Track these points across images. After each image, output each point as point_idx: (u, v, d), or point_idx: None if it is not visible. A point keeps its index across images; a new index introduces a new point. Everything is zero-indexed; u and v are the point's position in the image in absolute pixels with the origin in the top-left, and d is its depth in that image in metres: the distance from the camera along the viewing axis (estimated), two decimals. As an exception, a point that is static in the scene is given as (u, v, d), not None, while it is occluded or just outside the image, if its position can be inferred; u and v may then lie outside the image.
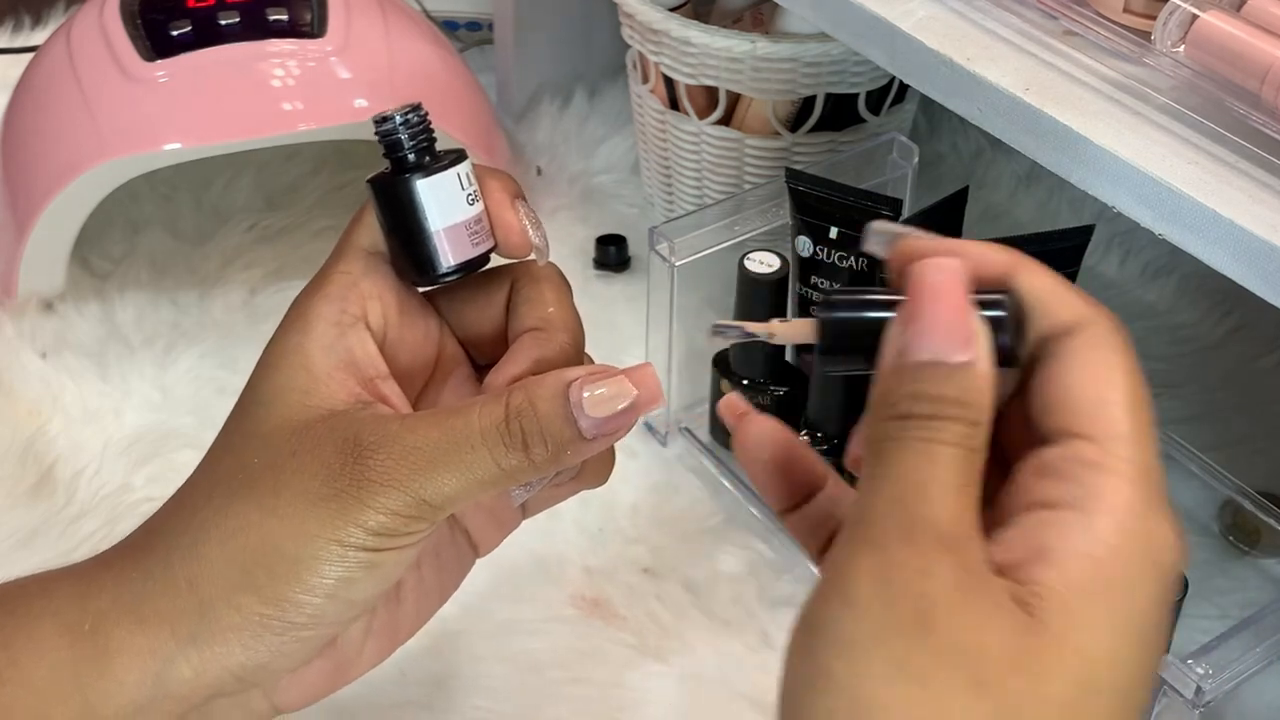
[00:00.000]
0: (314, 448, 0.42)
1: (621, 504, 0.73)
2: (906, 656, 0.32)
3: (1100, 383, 0.36)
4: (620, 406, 0.41)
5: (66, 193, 0.77)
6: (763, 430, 0.42)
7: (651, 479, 0.75)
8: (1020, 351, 0.37)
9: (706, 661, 0.65)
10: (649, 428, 0.77)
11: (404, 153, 0.43)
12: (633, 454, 0.76)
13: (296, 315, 0.44)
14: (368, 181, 0.44)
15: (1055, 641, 0.33)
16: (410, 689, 0.64)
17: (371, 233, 0.45)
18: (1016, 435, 0.37)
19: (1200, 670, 0.52)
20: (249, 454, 0.43)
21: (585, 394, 0.41)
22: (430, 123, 0.44)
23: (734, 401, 0.42)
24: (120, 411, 0.78)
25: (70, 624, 0.43)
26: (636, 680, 0.65)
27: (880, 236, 0.38)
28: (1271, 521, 0.69)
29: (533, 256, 0.46)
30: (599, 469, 0.47)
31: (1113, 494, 0.34)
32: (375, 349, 0.44)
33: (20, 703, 0.42)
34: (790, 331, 0.39)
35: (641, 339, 0.76)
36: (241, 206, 0.92)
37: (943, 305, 0.35)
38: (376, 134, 0.44)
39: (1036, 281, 0.37)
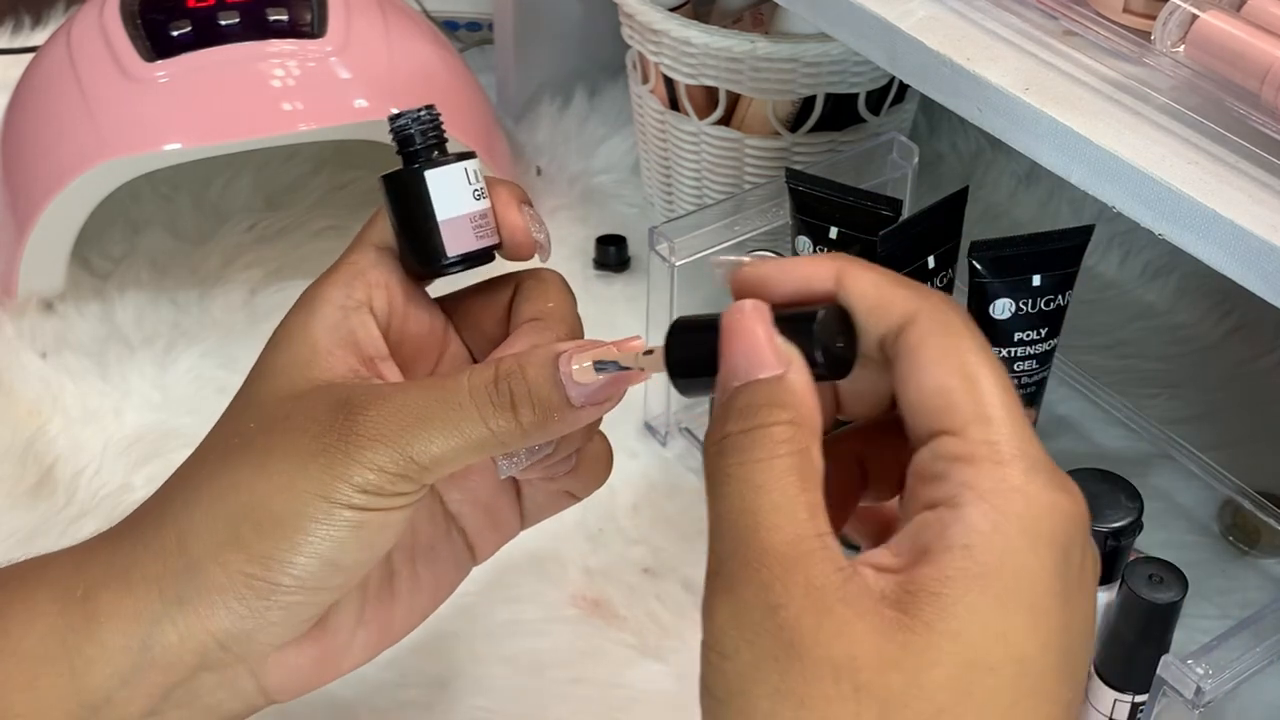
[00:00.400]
0: (307, 409, 0.42)
1: (621, 504, 0.73)
2: (783, 685, 0.33)
3: (940, 373, 0.36)
4: (607, 377, 0.42)
5: (66, 193, 0.77)
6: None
7: (651, 479, 0.75)
8: (849, 362, 0.38)
9: (706, 661, 0.65)
10: (649, 428, 0.77)
11: (415, 148, 0.45)
12: (633, 454, 0.76)
13: (304, 300, 0.45)
14: (381, 178, 0.46)
15: (927, 630, 0.33)
16: (411, 689, 0.64)
17: (384, 230, 0.46)
18: (911, 439, 0.38)
19: (1200, 670, 0.52)
20: (245, 419, 0.44)
21: (574, 366, 0.42)
22: (441, 123, 0.46)
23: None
24: (120, 411, 0.78)
25: (63, 592, 0.43)
26: (636, 680, 0.65)
27: (720, 270, 0.40)
28: (1271, 521, 0.69)
29: (536, 259, 0.47)
30: (595, 472, 0.47)
31: (981, 481, 0.35)
32: (377, 332, 0.45)
33: (7, 671, 0.43)
34: (655, 361, 0.41)
35: (641, 339, 0.76)
36: (241, 206, 0.92)
37: (744, 337, 0.37)
38: (391, 130, 0.46)
39: (861, 285, 0.38)
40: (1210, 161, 0.50)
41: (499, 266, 0.47)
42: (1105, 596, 0.57)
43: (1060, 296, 0.67)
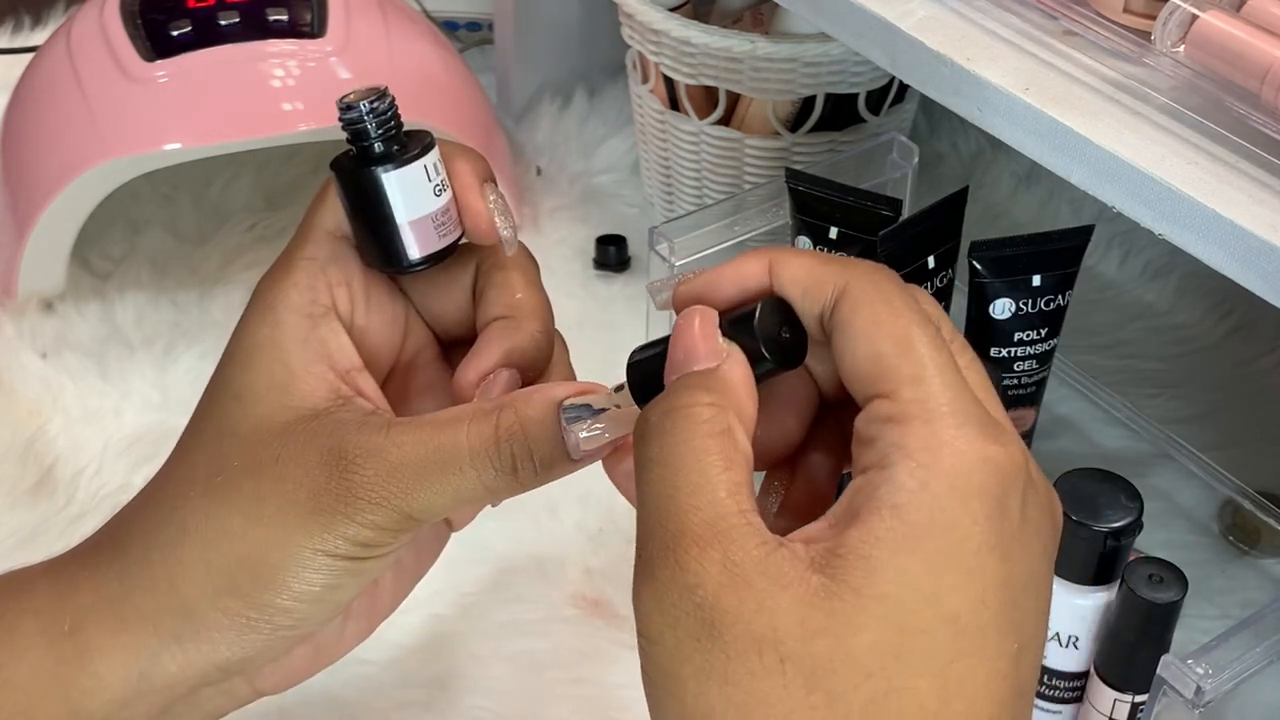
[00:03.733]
0: (297, 455, 0.41)
1: (621, 504, 0.72)
2: (708, 664, 0.33)
3: (870, 337, 0.36)
4: (609, 439, 0.41)
5: (66, 193, 0.77)
6: None
7: (651, 479, 0.75)
8: (798, 345, 0.38)
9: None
10: (649, 428, 0.77)
11: (370, 142, 0.42)
12: (633, 454, 0.76)
13: (264, 305, 0.43)
14: (331, 165, 0.43)
15: (853, 595, 0.33)
16: (411, 689, 0.64)
17: (335, 214, 0.44)
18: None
19: (1200, 670, 0.52)
20: (229, 454, 0.42)
21: (582, 435, 0.41)
22: (397, 109, 0.43)
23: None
24: (120, 411, 0.78)
25: (49, 624, 0.43)
26: (636, 680, 0.65)
27: (660, 295, 0.40)
28: (1271, 521, 0.69)
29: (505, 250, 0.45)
30: None
31: (910, 439, 0.34)
32: (348, 341, 0.44)
33: (4, 700, 0.42)
34: (626, 395, 0.40)
35: (641, 339, 0.76)
36: (241, 206, 0.92)
37: (683, 339, 0.37)
38: (340, 120, 0.43)
39: (790, 270, 0.38)
40: (1210, 161, 0.50)
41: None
42: (1105, 596, 0.57)
43: (1060, 296, 0.67)
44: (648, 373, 0.39)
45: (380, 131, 0.42)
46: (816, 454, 0.41)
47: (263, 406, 0.42)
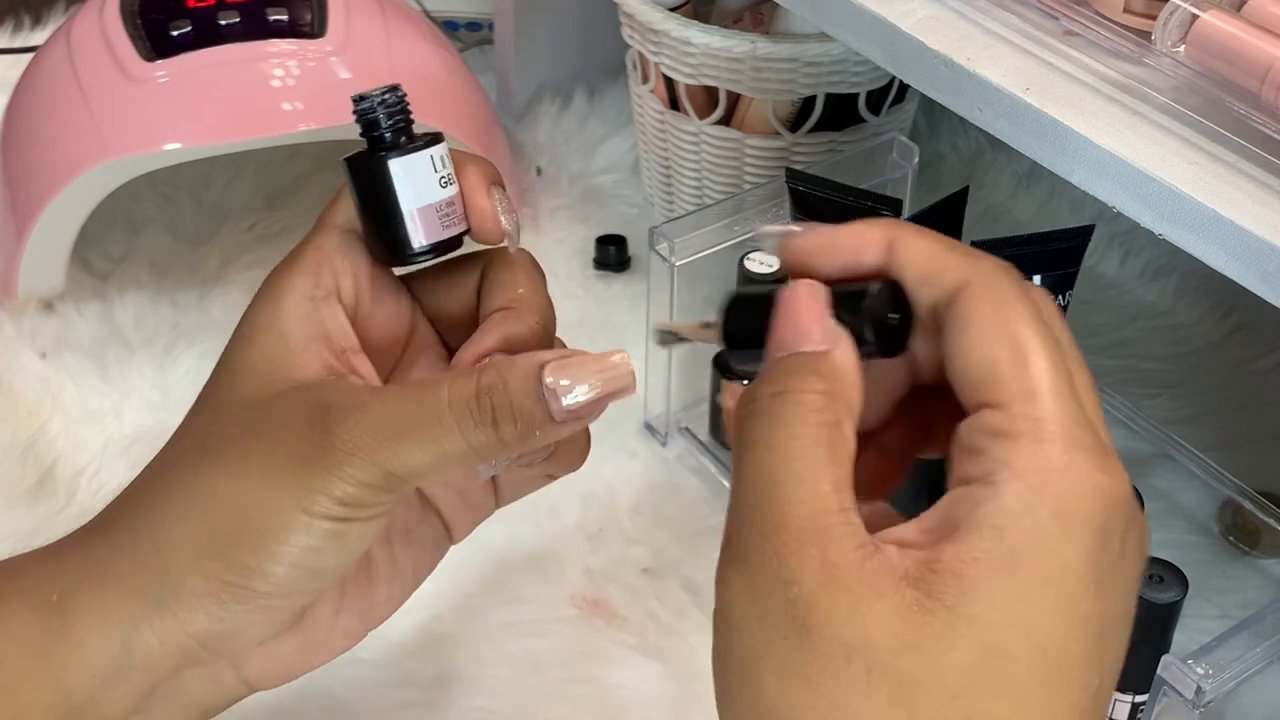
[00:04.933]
0: (283, 416, 0.42)
1: (621, 504, 0.73)
2: (792, 663, 0.33)
3: (988, 343, 0.35)
4: (591, 396, 0.41)
5: (66, 193, 0.77)
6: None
7: (651, 479, 0.75)
8: (904, 337, 0.37)
9: (707, 661, 0.65)
10: (649, 428, 0.77)
11: (380, 132, 0.44)
12: (633, 454, 0.76)
13: (270, 289, 0.44)
14: (343, 160, 0.45)
15: (946, 613, 0.32)
16: (411, 690, 0.64)
17: (347, 210, 0.45)
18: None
19: (1200, 670, 0.52)
20: (220, 422, 0.43)
21: (562, 381, 0.41)
22: (408, 104, 0.44)
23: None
24: (120, 411, 0.78)
25: (39, 598, 0.43)
26: (636, 680, 0.65)
27: (769, 240, 0.39)
28: (1271, 521, 0.69)
29: (505, 244, 0.46)
30: (572, 455, 0.46)
31: (1019, 459, 0.34)
32: (347, 323, 0.44)
33: None
34: (711, 334, 0.40)
35: (641, 339, 0.76)
36: (241, 206, 0.92)
37: (794, 312, 0.36)
38: (354, 112, 0.44)
39: (912, 253, 0.37)
40: (1210, 161, 0.50)
41: (466, 245, 0.46)
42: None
43: (1060, 296, 0.67)
44: (745, 323, 0.39)
45: (390, 122, 0.44)
46: (893, 431, 0.40)
47: (257, 379, 0.43)
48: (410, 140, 0.44)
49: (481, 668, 0.65)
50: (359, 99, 0.44)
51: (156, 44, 0.77)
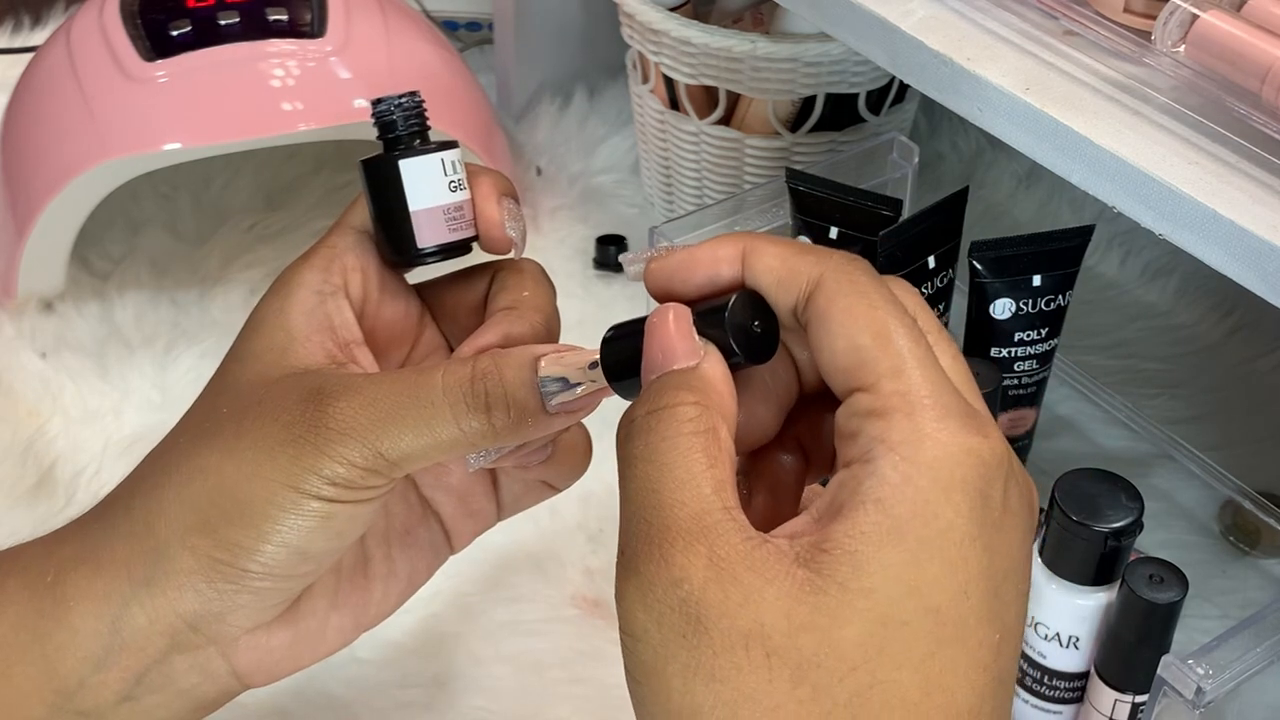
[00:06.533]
0: (279, 397, 0.42)
1: (621, 504, 0.73)
2: (693, 660, 0.33)
3: (849, 331, 0.36)
4: (581, 394, 0.41)
5: (66, 193, 0.77)
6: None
7: (651, 479, 0.75)
8: (772, 343, 0.38)
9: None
10: (649, 428, 0.77)
11: (394, 134, 0.45)
12: (633, 454, 0.76)
13: (281, 283, 0.45)
14: (359, 163, 0.46)
15: (839, 589, 0.33)
16: (411, 689, 0.64)
17: (363, 213, 0.46)
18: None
19: (1200, 670, 0.52)
20: (219, 406, 0.43)
21: (556, 374, 0.41)
22: (424, 110, 0.45)
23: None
24: (120, 411, 0.78)
25: (34, 579, 0.43)
26: (636, 680, 0.65)
27: (633, 267, 0.41)
28: (1271, 521, 0.69)
29: (511, 254, 0.46)
30: (572, 463, 0.47)
31: (893, 433, 0.34)
32: (352, 317, 0.45)
33: None
34: (599, 373, 0.41)
35: (641, 339, 0.76)
36: (241, 206, 0.92)
37: (660, 333, 0.37)
38: (372, 115, 0.45)
39: (764, 260, 0.38)
40: (1210, 161, 0.50)
41: (478, 255, 0.47)
42: (1106, 597, 0.57)
43: (1060, 296, 0.67)
44: (621, 356, 0.40)
45: (405, 126, 0.45)
46: (790, 444, 0.41)
47: (259, 365, 0.43)
48: (424, 144, 0.45)
49: (481, 668, 0.65)
50: (377, 102, 0.45)
51: (156, 44, 0.77)
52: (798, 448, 0.41)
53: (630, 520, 0.35)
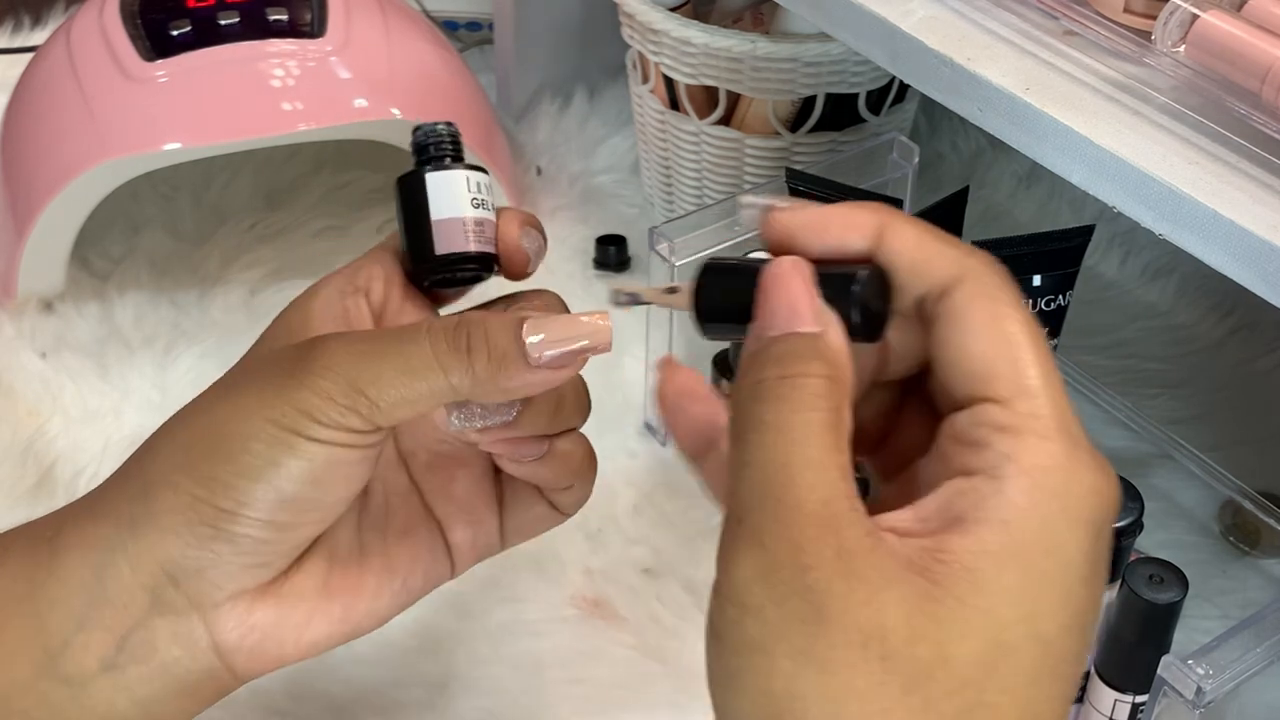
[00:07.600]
0: (279, 353, 0.44)
1: (621, 504, 0.73)
2: (808, 648, 0.33)
3: (990, 339, 0.35)
4: (569, 347, 0.42)
5: (66, 193, 0.77)
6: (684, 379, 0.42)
7: (652, 479, 0.75)
8: (883, 324, 0.37)
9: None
10: (649, 428, 0.77)
11: (428, 156, 0.47)
12: (633, 454, 0.76)
13: (309, 289, 0.47)
14: (396, 180, 0.48)
15: (958, 604, 0.33)
16: (411, 690, 0.64)
17: (397, 239, 0.48)
18: (937, 398, 0.37)
19: (1200, 670, 0.52)
20: (226, 374, 0.46)
21: (540, 331, 0.42)
22: (460, 139, 0.48)
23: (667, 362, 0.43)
24: (120, 411, 0.78)
25: (35, 536, 0.44)
26: (637, 680, 0.65)
27: (751, 211, 0.39)
28: (1271, 521, 0.69)
29: (528, 269, 0.48)
30: (571, 474, 0.48)
31: (1025, 455, 0.34)
32: (369, 315, 0.47)
33: None
34: (682, 299, 0.40)
35: (641, 339, 0.76)
36: (241, 206, 0.92)
37: (786, 290, 0.36)
38: (412, 137, 0.47)
39: (902, 242, 0.37)
40: (1211, 161, 0.50)
41: (503, 287, 0.48)
42: (1105, 597, 0.56)
43: (1060, 296, 0.67)
44: (722, 294, 0.38)
45: (438, 150, 0.47)
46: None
47: (274, 342, 0.46)
48: (453, 163, 0.47)
49: (481, 668, 0.65)
50: (417, 127, 0.47)
51: (156, 44, 0.77)
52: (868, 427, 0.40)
53: (753, 488, 0.34)
